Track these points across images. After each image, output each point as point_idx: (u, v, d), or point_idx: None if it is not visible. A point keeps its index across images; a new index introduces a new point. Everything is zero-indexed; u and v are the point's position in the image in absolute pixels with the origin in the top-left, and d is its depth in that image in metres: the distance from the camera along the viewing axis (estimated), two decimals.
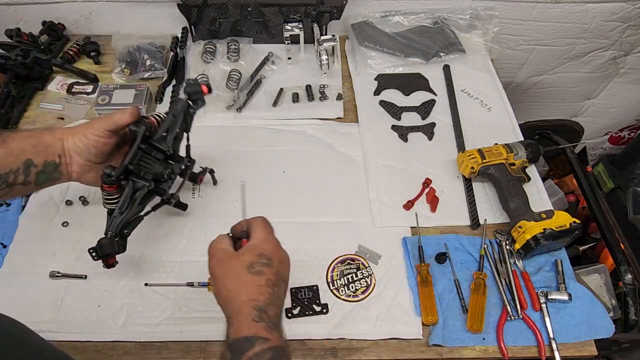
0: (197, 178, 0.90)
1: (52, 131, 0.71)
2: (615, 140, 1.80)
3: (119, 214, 0.74)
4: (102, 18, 1.26)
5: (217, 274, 0.59)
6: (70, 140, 0.71)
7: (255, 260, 0.58)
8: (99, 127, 0.71)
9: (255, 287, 0.56)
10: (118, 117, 0.72)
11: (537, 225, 0.83)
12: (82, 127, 0.72)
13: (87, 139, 0.71)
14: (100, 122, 0.72)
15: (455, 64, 1.23)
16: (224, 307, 0.57)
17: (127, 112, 0.72)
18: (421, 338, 0.77)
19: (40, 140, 0.69)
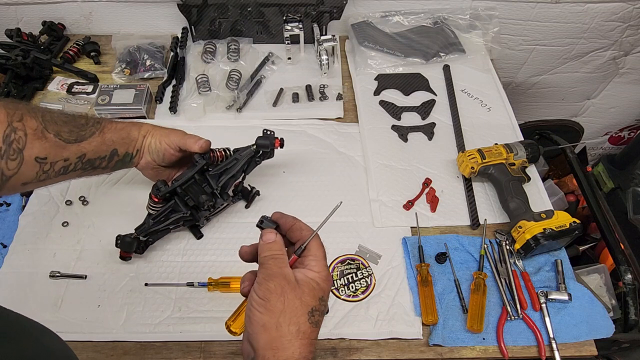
0: (249, 198, 0.92)
1: (139, 127, 0.80)
2: (615, 140, 1.80)
3: (150, 223, 0.81)
4: (102, 18, 1.26)
5: (272, 302, 0.47)
6: (149, 139, 0.80)
7: (317, 307, 0.49)
8: (172, 140, 0.80)
9: (310, 342, 0.47)
10: (190, 143, 0.80)
11: (537, 225, 0.83)
12: (161, 132, 0.81)
13: (160, 145, 0.80)
14: (176, 136, 0.81)
15: (455, 64, 1.23)
16: (260, 345, 0.47)
17: (198, 143, 0.80)
18: (421, 338, 0.77)
19: (129, 134, 0.78)
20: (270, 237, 0.52)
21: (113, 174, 0.96)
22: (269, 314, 0.47)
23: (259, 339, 0.47)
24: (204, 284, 0.80)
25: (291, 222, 0.55)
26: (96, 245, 0.86)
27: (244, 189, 0.90)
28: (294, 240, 0.55)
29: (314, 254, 0.52)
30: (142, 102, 1.06)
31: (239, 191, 0.89)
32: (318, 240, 0.54)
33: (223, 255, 0.86)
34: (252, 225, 0.90)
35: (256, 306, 0.48)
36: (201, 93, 1.12)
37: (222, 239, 0.89)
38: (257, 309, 0.48)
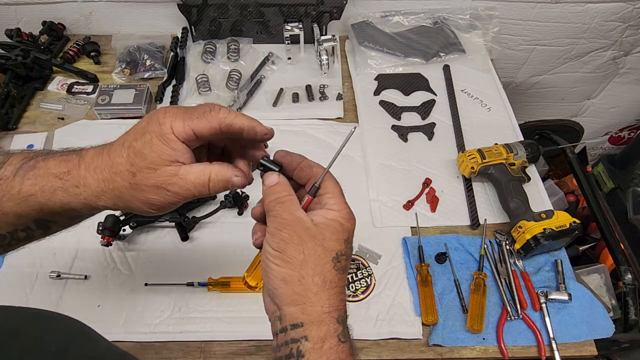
0: (243, 204, 0.91)
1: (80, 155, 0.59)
2: (615, 140, 1.80)
3: None
4: (102, 18, 1.26)
5: (290, 253, 0.42)
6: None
7: (343, 251, 0.44)
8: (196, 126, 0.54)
9: (339, 291, 0.44)
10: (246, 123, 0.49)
11: (537, 225, 0.83)
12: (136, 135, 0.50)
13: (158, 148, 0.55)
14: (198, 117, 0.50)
15: (455, 64, 1.23)
16: (284, 301, 0.42)
17: (259, 126, 0.50)
18: (421, 338, 0.77)
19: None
20: (272, 179, 0.48)
21: None
22: (289, 266, 0.42)
23: (282, 294, 0.42)
24: (203, 284, 0.80)
25: (298, 160, 0.49)
26: (96, 245, 0.85)
27: (236, 195, 0.89)
28: (304, 181, 0.49)
29: (331, 191, 0.48)
30: (142, 102, 1.06)
31: (232, 197, 0.88)
32: (332, 177, 0.50)
33: (223, 255, 0.86)
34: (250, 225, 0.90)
35: (272, 259, 0.43)
36: (201, 93, 1.12)
37: (222, 239, 0.89)
38: (273, 262, 0.43)
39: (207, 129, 0.44)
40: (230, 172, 0.47)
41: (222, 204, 0.88)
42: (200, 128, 0.44)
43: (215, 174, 0.46)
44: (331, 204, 0.47)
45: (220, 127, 0.45)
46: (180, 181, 0.45)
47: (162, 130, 0.44)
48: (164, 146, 0.44)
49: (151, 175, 0.44)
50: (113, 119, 1.08)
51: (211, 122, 0.44)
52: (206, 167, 0.46)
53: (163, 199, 0.45)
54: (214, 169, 0.46)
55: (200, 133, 0.44)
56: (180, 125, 0.44)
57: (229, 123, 0.45)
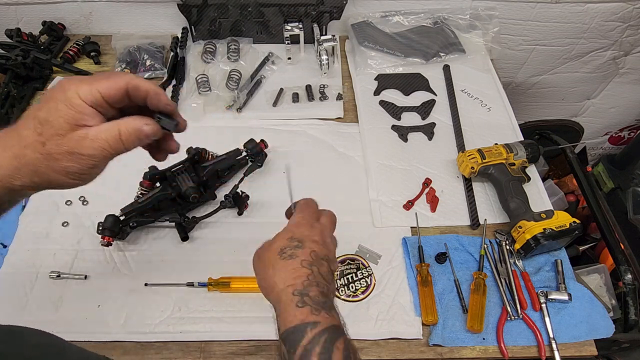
0: (243, 204, 0.91)
1: None
2: (615, 140, 1.80)
3: (135, 202, 0.83)
4: (102, 18, 1.26)
5: (256, 267, 0.57)
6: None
7: (286, 245, 0.55)
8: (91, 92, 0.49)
9: (289, 271, 0.53)
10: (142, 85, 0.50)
11: (537, 225, 0.83)
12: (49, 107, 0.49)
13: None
14: (96, 83, 0.49)
15: (455, 64, 1.23)
16: (268, 299, 0.55)
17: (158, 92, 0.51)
18: (421, 338, 0.77)
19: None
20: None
21: (114, 173, 0.96)
22: (257, 276, 0.57)
23: (267, 299, 0.55)
24: (203, 284, 0.80)
25: (289, 210, 0.63)
26: (96, 245, 0.85)
27: (236, 195, 0.89)
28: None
29: (294, 213, 0.61)
30: None
31: (232, 197, 0.88)
32: (300, 202, 0.62)
33: (223, 255, 0.86)
34: (252, 225, 0.91)
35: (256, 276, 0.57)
36: (201, 93, 1.12)
37: (222, 239, 0.89)
38: (258, 283, 0.57)
39: (115, 89, 0.46)
40: (139, 122, 0.48)
41: (222, 204, 0.88)
42: (107, 88, 0.45)
43: (125, 126, 0.47)
44: (288, 222, 0.59)
45: (127, 87, 0.46)
46: (93, 142, 0.45)
47: (67, 95, 0.44)
48: (69, 110, 0.44)
49: (61, 142, 0.44)
50: None
51: (117, 83, 0.46)
52: (114, 122, 0.47)
53: (80, 165, 0.45)
54: (122, 122, 0.47)
55: (107, 94, 0.45)
56: (87, 88, 0.45)
57: (135, 85, 0.47)
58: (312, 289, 0.51)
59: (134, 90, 0.47)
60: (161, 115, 0.50)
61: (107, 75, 0.47)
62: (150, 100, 0.49)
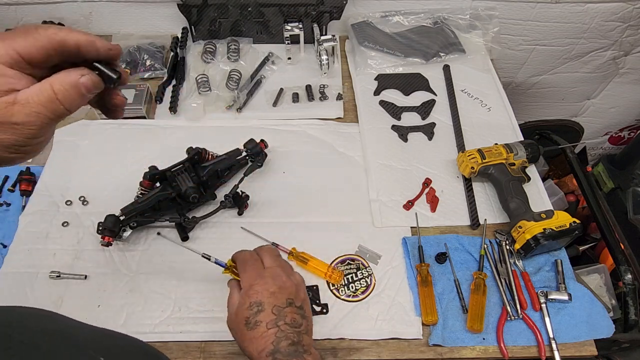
0: (244, 204, 0.91)
1: None
2: (615, 140, 1.80)
3: (135, 202, 0.83)
4: (102, 18, 1.25)
5: (230, 328, 0.64)
6: None
7: (248, 315, 0.59)
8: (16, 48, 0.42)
9: (258, 340, 0.58)
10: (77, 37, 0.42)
11: (537, 225, 0.83)
12: None
13: None
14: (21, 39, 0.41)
15: (455, 64, 1.23)
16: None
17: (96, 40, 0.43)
18: (421, 338, 0.77)
19: None
20: (229, 283, 0.71)
21: (114, 173, 0.96)
22: (234, 336, 0.63)
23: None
24: (223, 264, 0.74)
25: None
26: (96, 245, 0.85)
27: (236, 195, 0.89)
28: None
29: (241, 272, 0.65)
30: (142, 102, 1.06)
31: (232, 197, 0.88)
32: (240, 256, 0.68)
33: (223, 256, 0.86)
34: (252, 225, 0.91)
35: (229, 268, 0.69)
36: (201, 93, 1.12)
37: (222, 239, 0.89)
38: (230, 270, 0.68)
39: (36, 48, 0.39)
40: (74, 74, 0.41)
41: (222, 204, 0.88)
42: (26, 48, 0.38)
43: (60, 83, 0.40)
44: (242, 282, 0.64)
45: (51, 45, 0.39)
46: (24, 108, 0.38)
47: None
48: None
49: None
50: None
51: (39, 41, 0.39)
52: (46, 81, 0.40)
53: (16, 136, 0.39)
54: (54, 79, 0.40)
55: (28, 54, 0.39)
56: (1, 47, 0.38)
57: (61, 40, 0.39)
58: (281, 344, 0.56)
59: (61, 47, 0.40)
60: (100, 65, 0.43)
61: (25, 30, 0.39)
62: (86, 51, 0.41)
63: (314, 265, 0.83)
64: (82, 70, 0.41)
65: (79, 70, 0.41)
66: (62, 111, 0.40)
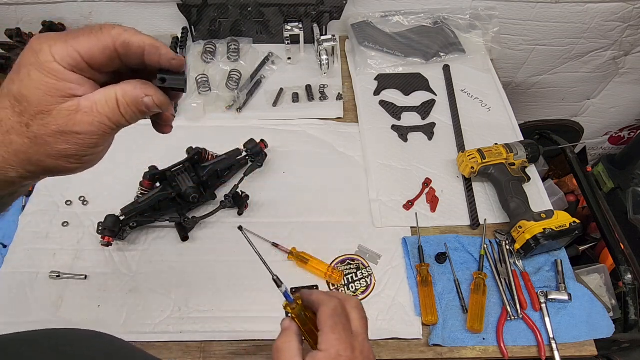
0: (243, 204, 0.91)
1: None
2: (615, 140, 1.80)
3: (135, 202, 0.83)
4: (102, 18, 1.25)
5: None
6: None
7: None
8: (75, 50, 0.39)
9: None
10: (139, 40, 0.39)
11: (537, 225, 0.83)
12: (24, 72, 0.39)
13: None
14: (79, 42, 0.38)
15: (455, 64, 1.23)
16: None
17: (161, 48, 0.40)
18: (421, 338, 0.77)
19: None
20: (284, 341, 0.47)
21: (114, 173, 0.96)
22: None
23: None
24: (291, 298, 0.56)
25: (311, 302, 0.50)
26: (96, 245, 0.85)
27: (236, 195, 0.89)
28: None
29: (322, 325, 0.47)
30: None
31: (232, 197, 0.88)
32: (325, 311, 0.47)
33: (223, 255, 0.86)
34: (252, 225, 0.91)
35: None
36: (201, 93, 1.12)
37: (222, 239, 0.89)
38: None
39: (99, 49, 0.36)
40: (139, 91, 0.39)
41: (222, 204, 0.88)
42: (89, 49, 0.35)
43: (123, 95, 0.38)
44: (321, 342, 0.46)
45: (115, 46, 0.36)
46: (87, 117, 0.36)
47: (39, 59, 0.35)
48: (47, 79, 0.35)
49: (48, 121, 0.35)
50: None
51: (102, 41, 0.36)
52: (110, 89, 0.38)
53: (78, 146, 0.37)
54: (119, 89, 0.38)
55: (90, 56, 0.36)
56: (62, 48, 0.35)
57: (125, 41, 0.36)
58: None
59: (125, 49, 0.37)
60: (165, 74, 0.40)
61: (89, 30, 0.36)
62: (148, 58, 0.38)
63: (314, 265, 0.83)
64: (147, 89, 0.39)
65: (144, 88, 0.39)
66: (124, 124, 0.39)
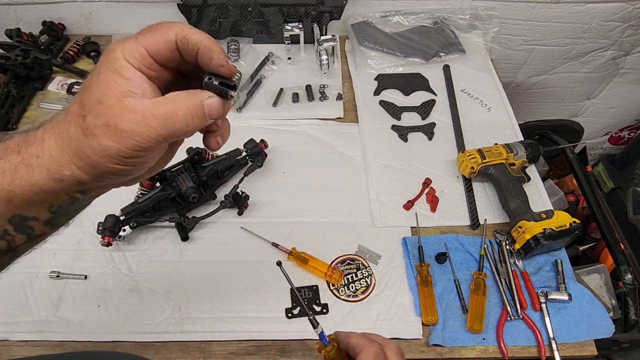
0: (243, 204, 0.91)
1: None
2: (615, 140, 1.80)
3: (135, 202, 0.83)
4: (102, 18, 1.25)
5: None
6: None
7: None
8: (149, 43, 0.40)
9: None
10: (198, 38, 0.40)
11: (537, 225, 0.83)
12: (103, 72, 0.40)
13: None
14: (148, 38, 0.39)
15: (455, 64, 1.23)
16: None
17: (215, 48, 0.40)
18: (421, 338, 0.77)
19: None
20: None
21: None
22: None
23: None
24: (326, 340, 0.58)
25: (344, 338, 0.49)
26: (96, 245, 0.85)
27: (236, 195, 0.89)
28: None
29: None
30: None
31: (232, 197, 0.88)
32: (364, 355, 0.47)
33: (223, 255, 0.86)
34: (252, 225, 0.91)
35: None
36: None
37: (222, 239, 0.89)
38: None
39: (162, 42, 0.37)
40: (200, 94, 0.39)
41: (222, 204, 0.88)
42: (154, 43, 0.37)
43: (189, 102, 0.38)
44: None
45: (176, 39, 0.37)
46: (135, 115, 0.36)
47: (110, 56, 0.36)
48: (112, 74, 0.36)
49: (100, 112, 0.35)
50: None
51: (165, 34, 0.37)
52: (174, 95, 0.38)
53: (119, 144, 0.36)
54: (184, 96, 0.38)
55: (155, 50, 0.37)
56: (132, 45, 0.37)
57: (185, 35, 0.37)
58: None
59: (184, 44, 0.38)
60: (214, 76, 0.40)
61: (154, 27, 0.38)
62: (200, 58, 0.38)
63: (314, 265, 0.83)
64: (205, 92, 0.40)
65: (204, 92, 0.40)
66: (177, 130, 0.38)
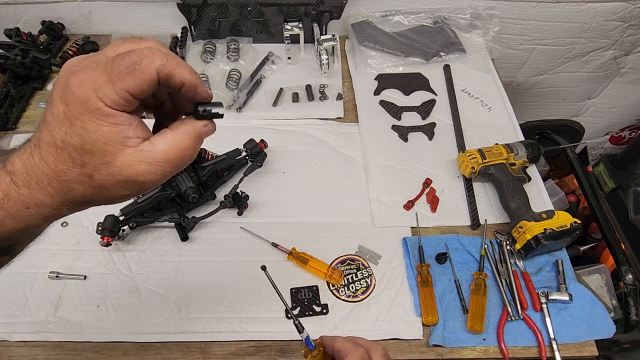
0: (243, 204, 0.91)
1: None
2: (616, 140, 1.80)
3: (135, 202, 0.83)
4: (102, 18, 1.25)
5: None
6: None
7: None
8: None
9: None
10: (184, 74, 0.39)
11: (537, 225, 0.83)
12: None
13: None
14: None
15: (456, 64, 1.23)
16: None
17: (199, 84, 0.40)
18: (421, 338, 0.77)
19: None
20: None
21: None
22: None
23: None
24: (312, 345, 0.62)
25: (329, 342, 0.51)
26: (96, 245, 0.85)
27: (236, 195, 0.89)
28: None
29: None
30: None
31: (232, 197, 0.88)
32: (345, 348, 0.49)
33: (223, 255, 0.86)
34: (252, 225, 0.91)
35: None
36: None
37: (222, 239, 0.88)
38: None
39: (147, 84, 0.35)
40: (198, 124, 0.40)
41: (222, 204, 0.87)
42: (138, 86, 0.35)
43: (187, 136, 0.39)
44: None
45: (158, 77, 0.36)
46: (150, 167, 0.37)
47: (89, 107, 0.34)
48: (102, 127, 0.35)
49: (112, 171, 0.36)
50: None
51: (148, 75, 0.35)
52: (175, 135, 0.38)
53: (138, 189, 0.38)
54: (183, 133, 0.39)
55: (140, 92, 0.35)
56: (111, 92, 0.34)
57: (168, 73, 0.36)
58: None
59: (167, 81, 0.36)
60: (203, 105, 0.40)
61: (130, 67, 0.34)
62: (185, 94, 0.39)
63: (314, 266, 0.82)
64: (202, 122, 0.40)
65: (199, 123, 0.40)
66: (184, 165, 0.40)
